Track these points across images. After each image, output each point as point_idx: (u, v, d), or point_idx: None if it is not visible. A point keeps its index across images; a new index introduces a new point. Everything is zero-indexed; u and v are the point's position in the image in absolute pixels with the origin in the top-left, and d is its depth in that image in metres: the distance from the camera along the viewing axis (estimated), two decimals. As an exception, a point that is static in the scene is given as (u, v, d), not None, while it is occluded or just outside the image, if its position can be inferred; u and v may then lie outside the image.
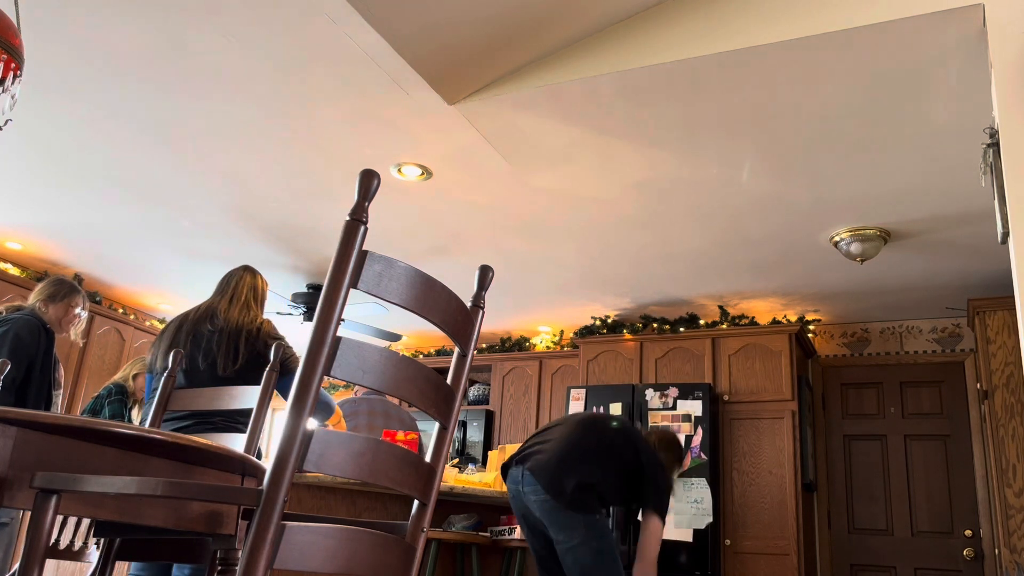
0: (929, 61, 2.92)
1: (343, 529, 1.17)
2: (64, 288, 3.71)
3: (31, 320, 3.50)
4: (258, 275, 3.31)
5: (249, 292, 3.20)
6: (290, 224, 4.81)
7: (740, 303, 5.72)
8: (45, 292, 3.67)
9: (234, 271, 3.30)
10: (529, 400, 6.48)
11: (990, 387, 4.54)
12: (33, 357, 3.43)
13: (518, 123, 3.51)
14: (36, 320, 3.52)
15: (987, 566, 5.17)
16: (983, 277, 4.97)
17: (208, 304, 3.16)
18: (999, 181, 2.44)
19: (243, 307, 3.15)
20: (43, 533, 1.25)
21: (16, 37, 1.93)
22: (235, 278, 3.25)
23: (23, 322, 3.47)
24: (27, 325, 3.46)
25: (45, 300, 3.64)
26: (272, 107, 3.51)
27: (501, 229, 4.70)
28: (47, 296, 3.66)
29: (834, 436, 5.87)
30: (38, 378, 3.44)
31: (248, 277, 3.26)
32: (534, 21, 3.06)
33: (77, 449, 1.40)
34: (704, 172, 3.86)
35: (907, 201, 4.03)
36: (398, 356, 1.25)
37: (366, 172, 1.20)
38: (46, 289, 3.69)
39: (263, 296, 3.29)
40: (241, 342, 3.01)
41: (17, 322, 3.46)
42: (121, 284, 6.10)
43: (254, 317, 3.14)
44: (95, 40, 3.10)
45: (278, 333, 3.16)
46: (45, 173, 4.31)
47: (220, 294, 3.19)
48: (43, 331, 3.52)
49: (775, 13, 2.89)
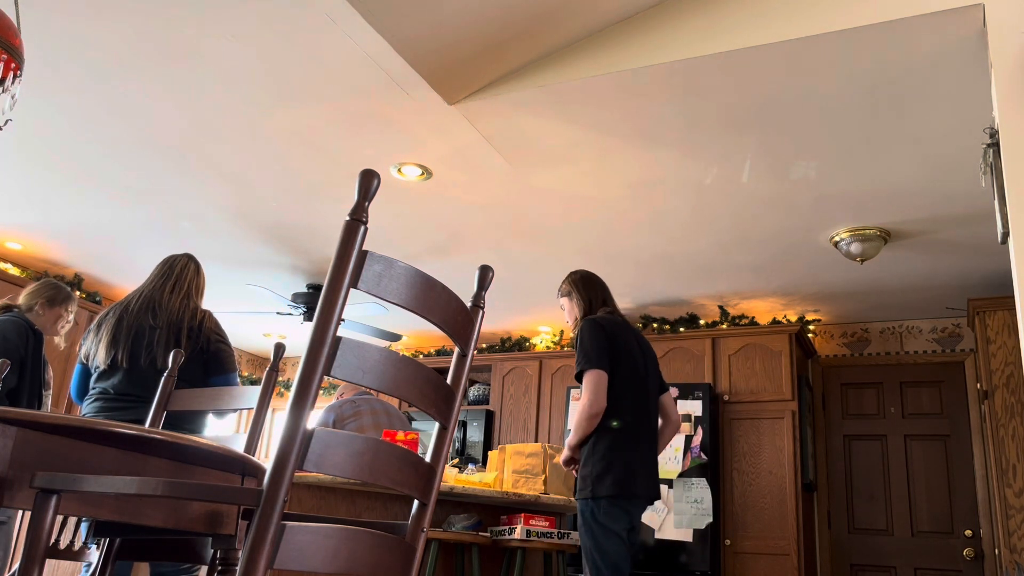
0: (929, 61, 2.91)
1: (343, 529, 1.17)
2: (63, 293, 3.70)
3: (19, 321, 3.48)
4: (201, 268, 3.29)
5: (191, 282, 3.18)
6: (290, 224, 4.81)
7: (740, 303, 5.72)
8: (45, 295, 3.65)
9: (177, 257, 3.25)
10: (529, 400, 6.48)
11: (990, 387, 4.54)
12: (24, 359, 3.41)
13: (518, 123, 3.51)
14: (24, 322, 3.50)
15: (987, 566, 5.17)
16: (983, 277, 4.97)
17: (148, 294, 3.11)
18: (999, 181, 2.44)
19: (184, 297, 3.11)
20: (43, 533, 1.25)
21: (16, 37, 1.93)
22: (179, 265, 3.21)
23: (10, 323, 3.44)
24: (14, 326, 3.43)
25: (44, 303, 3.62)
26: (272, 107, 3.50)
27: (501, 229, 4.70)
28: (47, 299, 3.63)
29: (834, 436, 5.87)
30: (28, 380, 3.41)
31: (192, 267, 3.23)
32: (534, 21, 3.06)
33: (77, 449, 1.40)
34: (704, 172, 3.86)
35: (907, 201, 4.03)
36: (398, 356, 1.25)
37: (366, 172, 1.20)
38: (46, 291, 3.66)
39: (203, 289, 3.27)
40: (183, 337, 2.99)
41: (4, 324, 3.43)
42: (121, 284, 6.10)
43: (195, 308, 3.11)
44: (95, 40, 3.10)
45: (220, 331, 3.13)
46: (45, 173, 4.31)
47: (162, 280, 3.15)
48: (31, 332, 3.49)
49: (775, 13, 2.89)
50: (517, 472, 4.07)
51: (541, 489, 4.01)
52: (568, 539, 3.88)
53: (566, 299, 3.39)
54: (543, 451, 4.08)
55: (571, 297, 3.36)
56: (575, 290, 3.37)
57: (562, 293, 3.41)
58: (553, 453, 4.11)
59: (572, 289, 3.37)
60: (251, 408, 2.23)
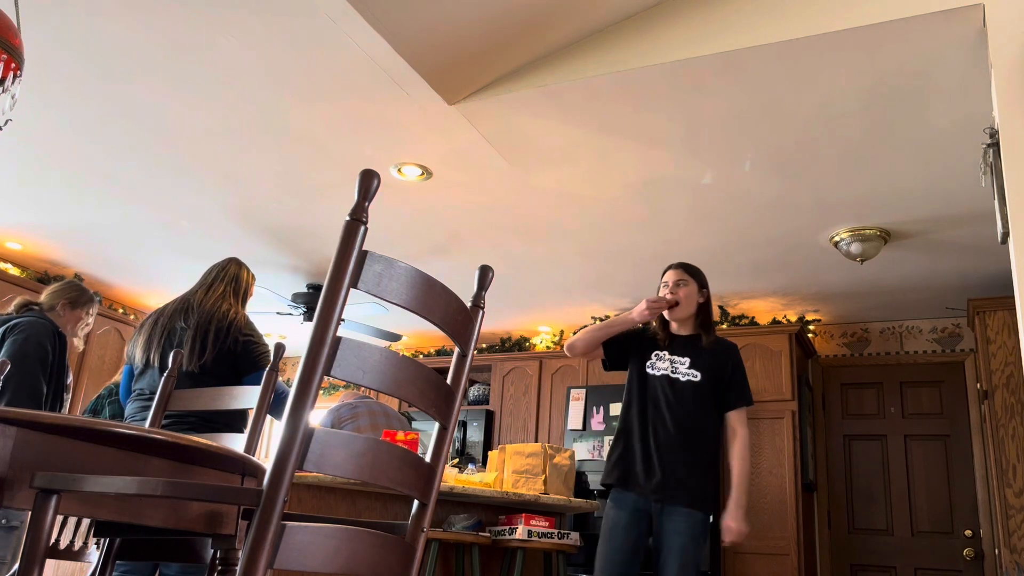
0: (929, 61, 2.91)
1: (343, 529, 1.17)
2: (86, 295, 3.63)
3: (46, 324, 3.40)
4: (244, 267, 3.26)
5: (230, 284, 3.15)
6: (290, 224, 4.81)
7: (740, 303, 5.72)
8: (67, 295, 3.58)
9: (219, 262, 3.24)
10: (529, 400, 6.48)
11: (990, 387, 4.54)
12: (51, 364, 3.34)
13: (518, 123, 3.51)
14: (50, 324, 3.42)
15: (987, 566, 5.17)
16: (983, 277, 4.97)
17: (185, 296, 3.13)
18: (999, 181, 2.44)
19: (218, 298, 3.09)
20: (43, 533, 1.25)
21: (16, 37, 1.93)
22: (216, 268, 3.21)
23: (40, 327, 3.35)
24: (44, 331, 3.36)
25: (67, 304, 3.55)
26: (272, 107, 3.50)
27: (501, 229, 4.70)
28: (70, 300, 3.56)
29: (834, 436, 5.87)
30: (52, 385, 3.35)
31: (232, 267, 3.22)
32: (534, 21, 3.05)
33: (77, 449, 1.40)
34: (704, 172, 3.86)
35: (907, 201, 4.03)
36: (398, 356, 1.25)
37: (366, 172, 1.20)
38: (69, 292, 3.59)
39: (246, 289, 3.21)
40: (210, 337, 2.96)
41: (34, 326, 3.34)
42: (121, 284, 6.10)
43: (228, 308, 3.07)
44: (95, 40, 3.10)
45: (251, 329, 3.08)
46: (45, 173, 4.31)
47: (199, 285, 3.16)
48: (56, 336, 3.42)
49: (775, 13, 2.89)
50: (517, 472, 4.07)
51: (541, 489, 4.01)
52: (568, 539, 3.87)
53: (694, 287, 3.20)
54: (543, 451, 4.08)
55: (701, 292, 3.22)
56: (708, 289, 3.25)
57: (693, 277, 3.21)
58: (553, 453, 4.10)
59: (706, 285, 3.25)
60: (251, 408, 2.23)
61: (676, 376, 3.12)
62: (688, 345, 3.17)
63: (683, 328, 3.21)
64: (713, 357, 3.13)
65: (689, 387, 3.10)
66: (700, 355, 3.13)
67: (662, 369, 3.15)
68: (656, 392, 3.13)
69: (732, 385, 3.13)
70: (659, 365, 3.16)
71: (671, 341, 3.20)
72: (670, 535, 2.95)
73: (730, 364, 3.14)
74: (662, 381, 3.13)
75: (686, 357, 3.14)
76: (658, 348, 3.19)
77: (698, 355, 3.13)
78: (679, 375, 3.12)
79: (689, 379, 3.10)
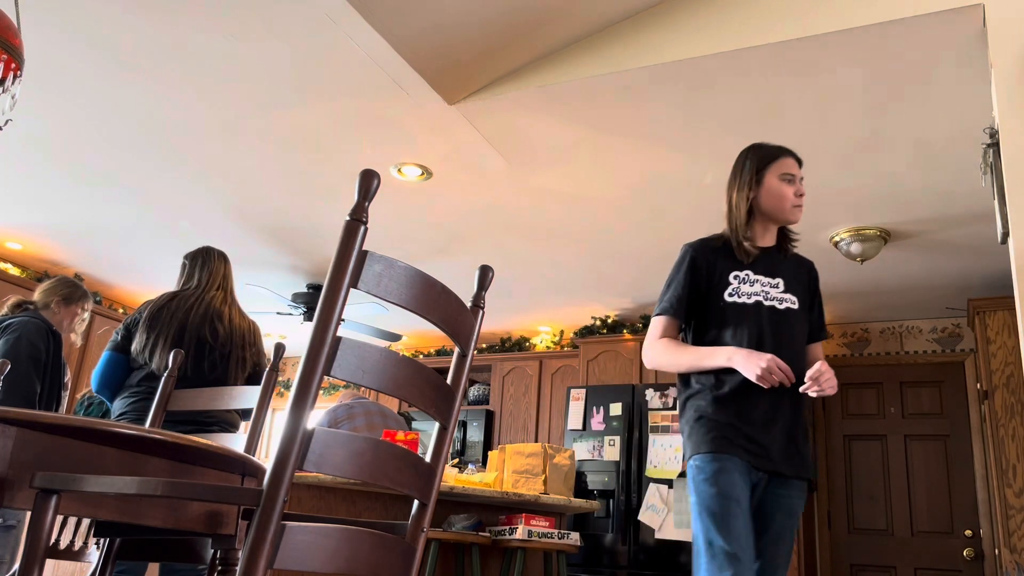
0: (929, 61, 2.91)
1: (343, 529, 1.17)
2: (80, 291, 3.62)
3: (39, 323, 3.38)
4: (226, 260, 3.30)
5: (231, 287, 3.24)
6: (290, 224, 4.81)
7: (740, 303, 5.72)
8: (61, 292, 3.56)
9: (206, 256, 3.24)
10: (529, 400, 6.48)
11: (990, 387, 4.54)
12: (46, 363, 3.32)
13: (518, 123, 3.51)
14: (44, 323, 3.40)
15: (987, 566, 5.17)
16: (983, 277, 4.97)
17: (208, 301, 3.11)
18: (999, 181, 2.44)
19: (241, 313, 3.21)
20: (43, 533, 1.25)
21: (16, 37, 1.93)
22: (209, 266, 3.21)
23: (33, 326, 3.34)
24: (37, 330, 3.33)
25: (61, 301, 3.53)
26: (272, 107, 3.50)
27: (501, 229, 4.70)
28: (64, 297, 3.55)
29: (834, 436, 5.86)
30: (48, 383, 3.33)
31: (223, 267, 3.25)
32: (534, 21, 3.06)
33: (77, 449, 1.40)
34: (704, 172, 3.85)
35: (907, 201, 4.03)
36: (398, 356, 1.25)
37: (366, 172, 1.20)
38: (62, 289, 3.57)
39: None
40: (247, 353, 3.11)
41: (27, 326, 3.32)
42: (121, 284, 6.10)
43: (249, 324, 3.20)
44: (95, 40, 3.10)
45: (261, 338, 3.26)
46: (45, 173, 4.31)
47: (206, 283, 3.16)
48: (51, 334, 3.40)
49: (775, 13, 2.89)
50: (517, 472, 4.07)
51: (541, 489, 4.01)
52: (568, 539, 3.87)
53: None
54: (543, 451, 4.08)
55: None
56: None
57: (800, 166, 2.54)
58: (553, 453, 4.10)
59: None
60: (251, 408, 2.23)
61: (772, 303, 2.29)
62: (772, 260, 2.37)
63: (767, 237, 2.40)
64: (798, 272, 2.40)
65: (792, 318, 2.29)
66: (788, 274, 2.36)
67: (753, 295, 2.29)
68: (753, 329, 2.24)
69: (817, 308, 2.41)
70: (745, 290, 2.29)
71: (755, 257, 2.34)
72: (785, 515, 2.25)
73: (815, 281, 2.43)
74: (757, 312, 2.26)
75: (777, 278, 2.34)
76: (737, 267, 2.32)
77: (788, 274, 2.36)
78: (775, 301, 2.29)
79: (788, 307, 2.30)
